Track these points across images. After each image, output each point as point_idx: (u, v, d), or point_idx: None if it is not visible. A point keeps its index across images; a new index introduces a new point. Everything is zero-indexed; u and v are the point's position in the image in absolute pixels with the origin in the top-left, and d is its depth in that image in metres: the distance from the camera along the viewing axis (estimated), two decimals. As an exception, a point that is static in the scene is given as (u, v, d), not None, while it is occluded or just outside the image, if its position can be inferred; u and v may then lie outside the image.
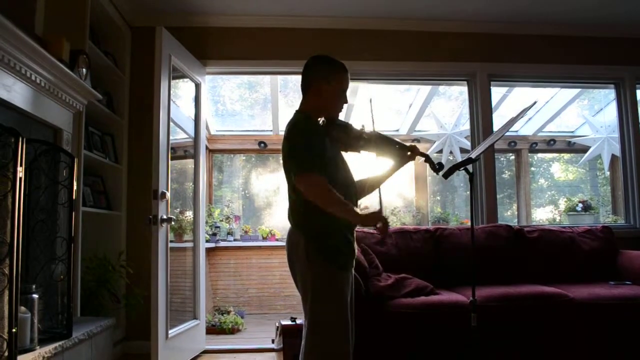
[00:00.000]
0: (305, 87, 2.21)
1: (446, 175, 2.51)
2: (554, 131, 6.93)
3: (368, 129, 2.22)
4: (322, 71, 2.17)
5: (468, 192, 6.59)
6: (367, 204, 5.71)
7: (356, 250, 2.17)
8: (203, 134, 4.14)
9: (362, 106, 5.65)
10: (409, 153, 2.27)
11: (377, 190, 2.26)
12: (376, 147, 2.21)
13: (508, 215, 7.42)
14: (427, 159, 2.28)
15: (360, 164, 2.49)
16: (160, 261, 3.26)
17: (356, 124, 2.25)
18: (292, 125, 2.11)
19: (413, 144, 2.33)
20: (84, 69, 3.01)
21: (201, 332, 3.96)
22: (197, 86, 4.07)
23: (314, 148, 2.01)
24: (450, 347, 3.00)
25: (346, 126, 2.22)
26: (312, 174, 1.95)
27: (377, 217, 2.02)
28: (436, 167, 2.27)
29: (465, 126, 5.98)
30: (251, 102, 6.50)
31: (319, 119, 2.20)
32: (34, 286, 2.32)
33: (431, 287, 3.24)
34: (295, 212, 2.10)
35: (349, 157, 2.29)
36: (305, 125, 2.10)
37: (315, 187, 1.95)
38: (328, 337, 2.00)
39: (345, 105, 2.28)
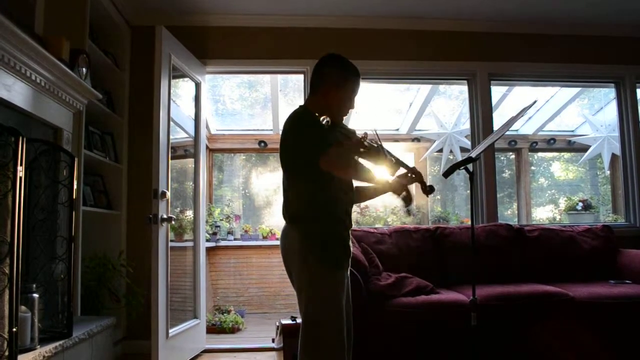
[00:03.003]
0: (314, 85, 2.18)
1: (446, 175, 2.52)
2: (554, 130, 6.93)
3: (370, 138, 2.19)
4: (334, 74, 2.14)
5: (468, 191, 6.58)
6: (367, 203, 5.71)
7: (352, 249, 2.17)
8: (203, 133, 4.14)
9: (362, 105, 5.65)
10: (406, 173, 2.15)
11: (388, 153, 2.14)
12: (374, 158, 2.14)
13: (508, 214, 7.42)
14: (422, 182, 2.16)
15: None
16: (160, 260, 3.26)
17: (358, 131, 2.23)
18: (292, 120, 2.10)
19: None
20: (84, 69, 3.01)
21: (201, 331, 3.96)
22: (197, 85, 4.07)
23: (317, 134, 2.02)
24: (451, 346, 3.00)
25: (349, 132, 2.22)
26: (328, 154, 1.90)
27: (400, 181, 2.02)
28: (427, 189, 2.14)
29: (466, 125, 5.98)
30: (251, 102, 6.49)
31: (322, 118, 2.19)
32: (34, 285, 2.33)
33: (431, 286, 3.24)
34: (291, 209, 2.09)
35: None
36: (305, 117, 2.10)
37: (338, 164, 1.93)
38: (322, 336, 2.00)
39: (350, 110, 2.26)
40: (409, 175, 2.13)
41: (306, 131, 2.04)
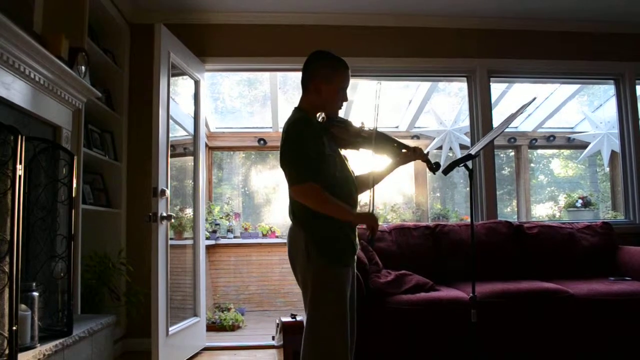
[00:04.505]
0: (305, 84, 2.20)
1: (446, 172, 2.52)
2: (554, 127, 6.93)
3: (367, 126, 2.22)
4: (322, 69, 2.16)
5: (468, 189, 6.60)
6: (366, 200, 5.70)
7: (357, 247, 2.18)
8: (202, 131, 4.14)
9: (363, 103, 5.65)
10: (408, 152, 2.26)
11: (370, 189, 2.25)
12: (375, 145, 2.20)
13: (508, 211, 7.42)
14: (427, 160, 2.27)
15: (361, 159, 2.49)
16: (160, 259, 3.26)
17: (356, 121, 2.25)
18: (290, 126, 2.10)
19: (415, 144, 2.32)
20: (83, 67, 3.01)
21: (201, 329, 3.96)
22: (197, 83, 4.07)
23: (308, 155, 2.01)
24: (451, 343, 3.00)
25: (345, 123, 2.22)
26: (305, 185, 1.98)
27: (367, 217, 2.06)
28: (433, 167, 2.26)
29: (465, 122, 5.98)
30: (250, 99, 6.49)
31: (317, 114, 2.20)
32: (34, 284, 2.33)
33: (431, 284, 3.24)
34: (296, 209, 2.10)
35: (349, 152, 2.29)
36: (302, 127, 2.08)
37: (309, 197, 2.00)
38: (327, 334, 2.01)
39: (344, 103, 2.27)
40: (411, 154, 2.25)
41: (300, 141, 2.04)
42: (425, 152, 2.28)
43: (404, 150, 2.27)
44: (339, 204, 2.01)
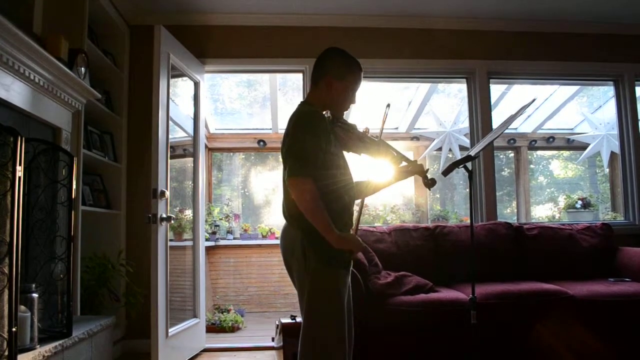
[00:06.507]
0: (316, 78, 2.15)
1: (445, 173, 2.52)
2: (553, 128, 6.94)
3: (372, 132, 2.21)
4: (337, 66, 2.13)
5: (467, 190, 6.60)
6: (366, 202, 5.69)
7: None
8: (202, 132, 4.14)
9: (361, 104, 5.64)
10: (408, 166, 2.21)
11: (360, 205, 2.23)
12: (375, 153, 2.18)
13: (507, 212, 7.42)
14: (424, 175, 2.22)
15: (363, 166, 2.48)
16: (160, 260, 3.26)
17: (360, 126, 2.24)
18: (297, 118, 2.06)
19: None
20: (82, 68, 3.00)
21: (201, 330, 3.96)
22: (196, 85, 4.07)
23: (316, 150, 1.96)
24: (450, 344, 3.00)
25: (349, 126, 2.20)
26: (304, 180, 1.91)
27: (351, 242, 1.99)
28: (428, 182, 2.22)
29: (465, 124, 5.98)
30: (250, 101, 6.49)
31: (324, 112, 2.18)
32: (33, 285, 2.33)
33: (431, 285, 3.24)
34: (291, 207, 2.04)
35: (350, 157, 2.29)
36: (310, 118, 2.04)
37: (302, 194, 1.92)
38: (323, 335, 2.00)
39: (352, 105, 2.24)
40: (410, 168, 2.20)
41: (309, 135, 1.98)
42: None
43: (404, 163, 2.22)
44: (326, 217, 1.92)
